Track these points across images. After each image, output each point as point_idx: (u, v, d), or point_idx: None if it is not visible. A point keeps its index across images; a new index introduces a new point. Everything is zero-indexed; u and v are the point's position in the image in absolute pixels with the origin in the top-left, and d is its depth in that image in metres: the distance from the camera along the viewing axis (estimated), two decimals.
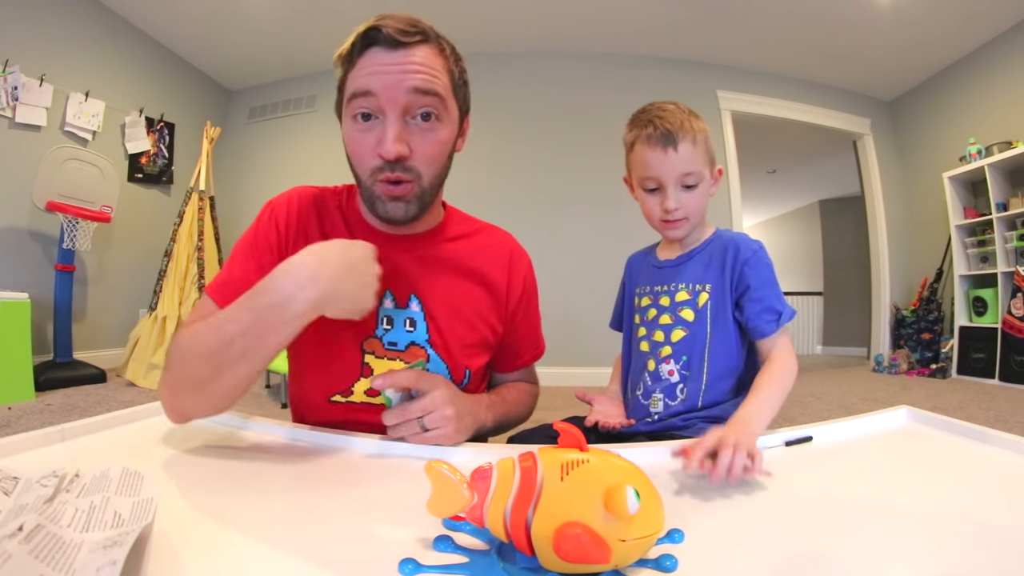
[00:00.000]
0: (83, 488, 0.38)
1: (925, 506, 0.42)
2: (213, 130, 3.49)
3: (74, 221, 2.69)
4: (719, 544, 0.36)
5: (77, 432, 0.57)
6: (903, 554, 0.34)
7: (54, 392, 2.44)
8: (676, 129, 0.74)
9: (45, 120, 2.90)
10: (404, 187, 0.61)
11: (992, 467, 0.50)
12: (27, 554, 0.27)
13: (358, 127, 0.60)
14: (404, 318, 0.68)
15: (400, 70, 0.58)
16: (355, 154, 0.62)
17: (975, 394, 2.87)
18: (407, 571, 0.32)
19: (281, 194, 0.71)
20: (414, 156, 0.60)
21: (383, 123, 0.59)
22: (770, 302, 0.75)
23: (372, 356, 0.68)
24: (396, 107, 0.58)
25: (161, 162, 3.68)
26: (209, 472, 0.48)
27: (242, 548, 0.35)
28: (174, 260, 3.10)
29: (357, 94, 0.59)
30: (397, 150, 0.58)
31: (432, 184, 0.64)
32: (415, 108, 0.59)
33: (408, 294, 0.69)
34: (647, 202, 0.79)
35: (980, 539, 0.36)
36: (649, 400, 0.80)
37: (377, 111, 0.59)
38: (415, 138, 0.60)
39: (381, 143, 0.58)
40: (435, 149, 0.62)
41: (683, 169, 0.75)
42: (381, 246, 0.65)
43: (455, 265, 0.72)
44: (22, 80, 2.77)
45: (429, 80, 0.59)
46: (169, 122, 3.72)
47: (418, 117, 0.60)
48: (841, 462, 0.54)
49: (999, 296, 3.26)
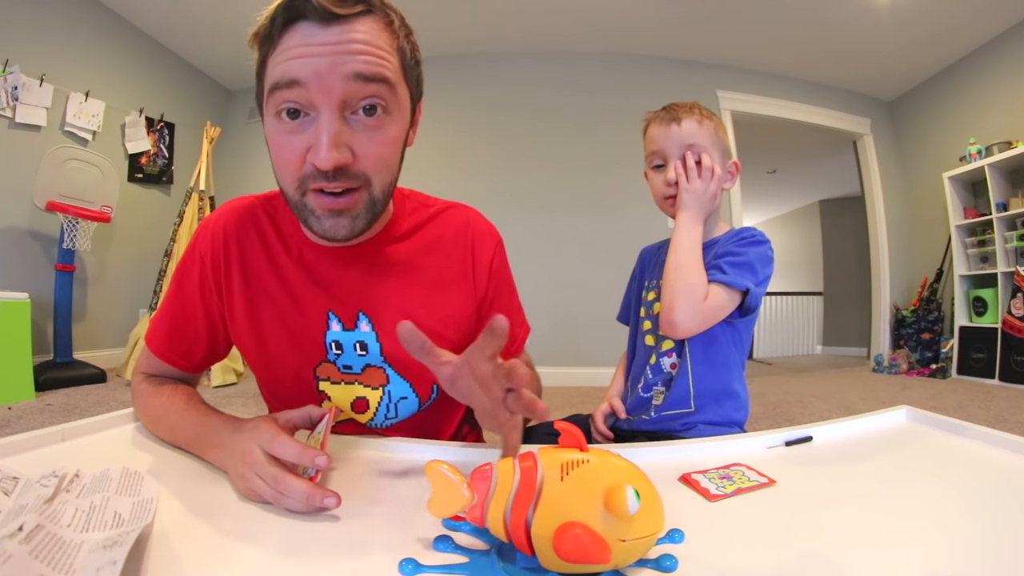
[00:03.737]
0: (83, 488, 0.38)
1: (925, 506, 0.42)
2: (213, 130, 3.49)
3: (74, 221, 2.69)
4: (719, 544, 0.36)
5: (77, 432, 0.56)
6: (903, 554, 0.34)
7: (54, 392, 2.44)
8: (682, 110, 0.79)
9: (45, 120, 2.90)
10: (349, 197, 0.50)
11: (992, 467, 0.50)
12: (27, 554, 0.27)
13: (283, 127, 0.48)
14: (353, 342, 0.61)
15: (336, 50, 0.46)
16: (281, 160, 0.50)
17: (975, 394, 2.87)
18: (407, 571, 0.32)
19: (211, 215, 0.65)
20: (359, 161, 0.49)
21: (315, 121, 0.47)
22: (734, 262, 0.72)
23: (328, 382, 0.63)
24: (332, 100, 0.46)
25: (161, 162, 3.68)
26: (209, 472, 0.48)
27: (242, 548, 0.35)
28: (174, 260, 3.10)
29: (280, 84, 0.47)
30: (335, 158, 0.46)
31: (384, 192, 0.53)
32: (356, 100, 0.47)
33: (356, 312, 0.61)
34: (653, 180, 0.82)
35: (980, 539, 0.36)
36: (651, 393, 0.81)
37: (307, 106, 0.47)
38: (359, 138, 0.49)
39: (314, 149, 0.47)
40: (385, 150, 0.51)
41: (685, 141, 0.78)
42: (321, 260, 0.62)
43: (409, 268, 0.63)
44: (22, 80, 2.77)
45: (375, 63, 0.47)
46: (169, 122, 3.71)
47: (360, 111, 0.48)
48: (841, 462, 0.54)
49: (999, 296, 3.26)
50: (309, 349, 0.62)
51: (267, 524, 0.39)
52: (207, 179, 3.35)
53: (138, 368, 0.67)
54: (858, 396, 2.97)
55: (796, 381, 3.64)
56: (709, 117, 0.80)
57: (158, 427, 0.58)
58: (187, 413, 0.55)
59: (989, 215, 3.32)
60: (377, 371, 0.63)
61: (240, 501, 0.42)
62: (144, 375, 0.66)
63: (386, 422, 0.67)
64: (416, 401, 0.66)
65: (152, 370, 0.66)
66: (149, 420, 0.60)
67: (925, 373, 3.63)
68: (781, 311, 6.48)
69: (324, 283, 0.62)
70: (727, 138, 0.82)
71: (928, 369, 3.64)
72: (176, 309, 0.65)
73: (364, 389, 0.64)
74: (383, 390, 0.64)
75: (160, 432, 0.57)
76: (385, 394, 0.64)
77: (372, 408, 0.65)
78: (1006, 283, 3.24)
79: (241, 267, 0.62)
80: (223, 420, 0.51)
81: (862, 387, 3.30)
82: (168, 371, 0.66)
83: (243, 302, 0.62)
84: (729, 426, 0.77)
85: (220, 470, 0.48)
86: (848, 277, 6.11)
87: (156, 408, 0.59)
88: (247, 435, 0.45)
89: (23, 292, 2.34)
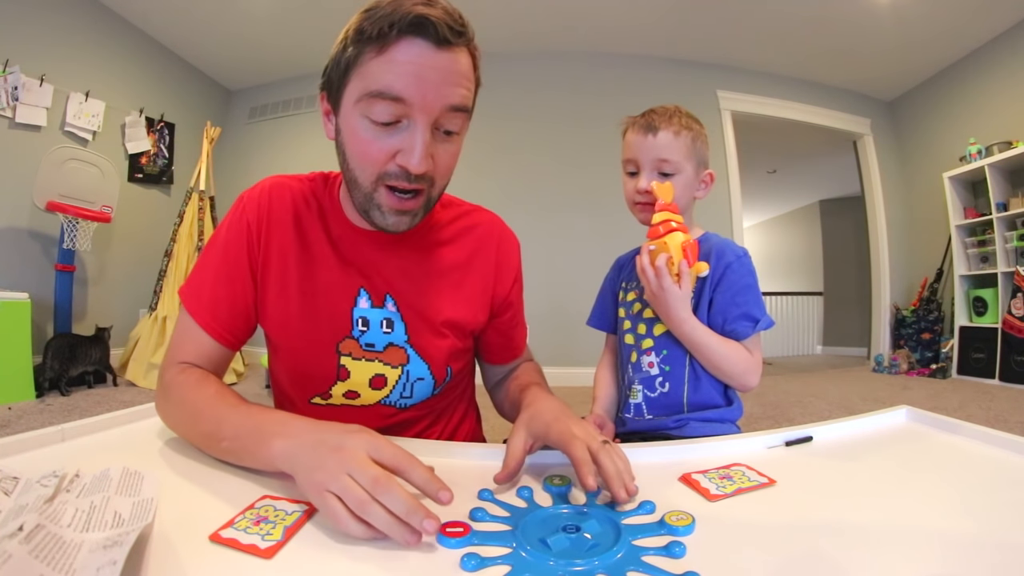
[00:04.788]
0: (83, 488, 0.38)
1: (925, 506, 0.42)
2: (213, 130, 3.49)
3: (74, 221, 2.70)
4: (719, 544, 0.36)
5: (77, 432, 0.56)
6: (903, 554, 0.34)
7: (54, 392, 2.44)
8: (660, 119, 0.78)
9: (45, 120, 2.90)
10: (417, 200, 0.56)
11: (992, 467, 0.50)
12: (27, 554, 0.27)
13: (374, 128, 0.52)
14: (381, 319, 0.64)
15: (442, 80, 0.50)
16: (362, 155, 0.54)
17: (975, 394, 2.87)
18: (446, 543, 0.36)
19: (254, 187, 0.66)
20: (434, 169, 0.55)
21: (410, 132, 0.52)
22: (748, 308, 0.76)
23: (349, 358, 0.64)
24: (428, 118, 0.51)
25: (161, 162, 3.68)
26: (209, 472, 0.48)
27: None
28: (174, 260, 3.10)
29: (386, 95, 0.50)
30: (427, 166, 0.53)
31: (439, 195, 0.60)
32: (444, 122, 0.53)
33: (384, 293, 0.65)
34: (626, 184, 0.83)
35: (980, 539, 0.36)
36: (629, 391, 0.82)
37: (403, 116, 0.51)
38: (438, 149, 0.54)
39: (407, 154, 0.52)
40: (453, 162, 0.58)
41: (659, 155, 0.78)
42: (357, 242, 0.65)
43: (436, 259, 0.68)
44: (22, 80, 2.77)
45: (467, 96, 0.53)
46: (169, 122, 3.72)
47: (442, 130, 0.54)
48: (841, 462, 0.54)
49: (999, 296, 3.26)
50: (336, 322, 0.63)
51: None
52: (207, 179, 3.35)
53: (171, 359, 0.61)
54: (858, 396, 2.98)
55: (796, 381, 3.64)
56: (687, 127, 0.78)
57: (198, 421, 0.52)
58: (242, 405, 0.51)
59: (989, 215, 3.33)
60: (398, 351, 0.65)
61: (240, 501, 0.42)
62: (180, 366, 0.60)
63: (401, 401, 0.68)
64: (431, 383, 0.68)
65: (189, 355, 0.61)
66: (185, 415, 0.55)
67: (925, 373, 3.63)
68: (781, 311, 6.47)
69: (358, 262, 0.64)
70: (706, 148, 0.81)
71: (928, 369, 3.64)
72: (222, 277, 0.62)
73: (384, 367, 0.65)
74: (402, 369, 0.66)
75: (200, 426, 0.52)
76: (404, 374, 0.66)
77: (389, 386, 0.67)
78: (1006, 283, 3.24)
79: (280, 238, 0.63)
80: (296, 415, 0.49)
81: (862, 387, 3.31)
82: (207, 350, 0.62)
83: (277, 273, 0.63)
84: (722, 422, 0.77)
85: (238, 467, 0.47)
86: (848, 277, 6.11)
87: (201, 400, 0.54)
88: (348, 435, 0.42)
89: (23, 292, 2.35)
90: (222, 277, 0.62)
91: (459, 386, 0.77)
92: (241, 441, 0.47)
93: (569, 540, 0.36)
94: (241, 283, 0.63)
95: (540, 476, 0.49)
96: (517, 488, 0.46)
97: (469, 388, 0.82)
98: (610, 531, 0.37)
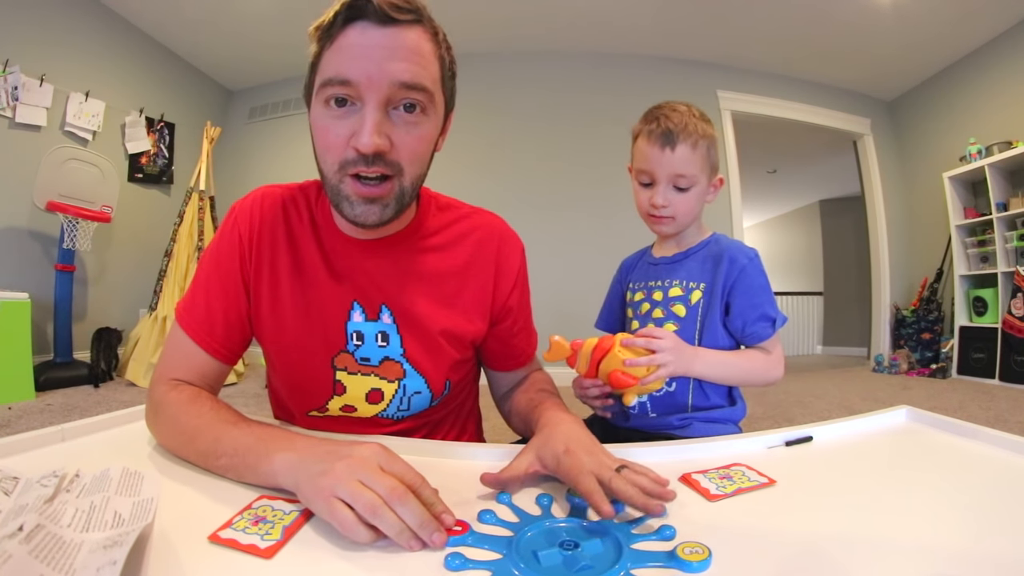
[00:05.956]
0: (83, 488, 0.38)
1: (925, 506, 0.42)
2: (213, 130, 3.50)
3: (74, 221, 2.69)
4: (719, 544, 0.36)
5: (77, 432, 0.57)
6: (903, 554, 0.34)
7: (54, 392, 2.44)
8: (678, 130, 0.75)
9: (45, 120, 2.90)
10: (384, 186, 0.54)
11: (992, 467, 0.50)
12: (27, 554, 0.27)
13: (330, 113, 0.52)
14: (376, 332, 0.63)
15: (386, 55, 0.50)
16: (324, 144, 0.54)
17: (975, 394, 2.87)
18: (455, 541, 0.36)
19: (245, 198, 0.65)
20: (395, 150, 0.53)
21: (360, 111, 0.51)
22: (764, 309, 0.78)
23: (344, 372, 0.64)
24: (377, 96, 0.50)
25: (161, 162, 3.68)
26: (210, 472, 0.48)
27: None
28: (174, 260, 3.10)
29: (333, 80, 0.51)
30: (376, 143, 0.50)
31: (413, 184, 0.57)
32: (398, 99, 0.52)
33: (379, 304, 0.63)
34: (639, 194, 0.82)
35: (980, 539, 0.36)
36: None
37: (354, 97, 0.51)
38: (397, 130, 0.53)
39: (357, 134, 0.51)
40: (419, 144, 0.55)
41: (677, 170, 0.76)
42: (350, 252, 0.63)
43: (433, 266, 0.65)
44: (22, 80, 2.77)
45: (417, 72, 0.52)
46: (169, 122, 3.72)
47: (401, 108, 0.52)
48: (841, 462, 0.54)
49: (999, 296, 3.26)
50: (330, 337, 0.63)
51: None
52: (207, 179, 3.35)
53: (161, 375, 0.60)
54: (858, 396, 2.97)
55: (796, 381, 3.63)
56: (703, 135, 0.77)
57: (194, 438, 0.51)
58: (242, 422, 0.51)
59: (989, 215, 3.32)
60: (394, 364, 0.64)
61: (240, 500, 0.42)
62: (172, 383, 0.59)
63: (398, 414, 0.67)
64: (429, 396, 0.67)
65: (180, 372, 0.60)
66: (178, 432, 0.53)
67: (925, 373, 3.63)
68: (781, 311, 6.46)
69: (351, 274, 0.63)
70: (717, 151, 0.81)
71: (928, 369, 3.63)
72: (215, 291, 0.62)
73: (380, 381, 0.65)
74: (399, 383, 0.65)
75: (196, 444, 0.50)
76: (400, 387, 0.65)
77: (386, 400, 0.66)
78: (1006, 283, 3.24)
79: (272, 251, 0.63)
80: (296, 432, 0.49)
81: (862, 387, 3.31)
82: (200, 365, 0.61)
83: (270, 287, 0.63)
84: (725, 423, 0.77)
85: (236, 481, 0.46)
86: (848, 277, 6.11)
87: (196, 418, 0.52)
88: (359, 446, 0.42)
89: (23, 292, 2.34)
90: (216, 290, 0.62)
91: (459, 396, 0.76)
92: (241, 456, 0.46)
93: (562, 556, 0.35)
94: (235, 296, 0.62)
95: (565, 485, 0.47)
96: (537, 496, 0.46)
97: (470, 398, 0.80)
98: (610, 553, 0.35)
